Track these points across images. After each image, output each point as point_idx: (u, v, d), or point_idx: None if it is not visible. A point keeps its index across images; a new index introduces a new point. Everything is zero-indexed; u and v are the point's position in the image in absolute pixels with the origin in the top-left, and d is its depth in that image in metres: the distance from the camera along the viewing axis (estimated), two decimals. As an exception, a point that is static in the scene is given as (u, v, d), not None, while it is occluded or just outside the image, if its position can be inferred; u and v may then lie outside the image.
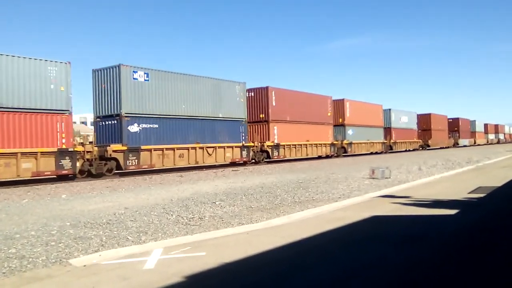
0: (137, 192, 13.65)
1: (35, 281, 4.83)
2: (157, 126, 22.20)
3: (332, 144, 36.98)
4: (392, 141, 48.44)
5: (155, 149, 21.93)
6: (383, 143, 46.67)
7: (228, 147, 26.35)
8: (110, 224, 7.89)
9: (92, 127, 25.69)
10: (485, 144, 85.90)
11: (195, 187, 14.62)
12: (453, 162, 24.59)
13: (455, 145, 70.64)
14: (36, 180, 18.50)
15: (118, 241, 6.59)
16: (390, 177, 15.45)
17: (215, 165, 26.22)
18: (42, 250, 6.05)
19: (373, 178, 15.30)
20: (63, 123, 18.37)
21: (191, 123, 24.17)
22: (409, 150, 52.97)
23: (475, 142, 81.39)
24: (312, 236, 6.79)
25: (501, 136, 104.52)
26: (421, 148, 58.07)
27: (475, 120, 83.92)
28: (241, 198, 11.01)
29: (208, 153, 24.76)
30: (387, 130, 48.36)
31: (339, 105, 40.00)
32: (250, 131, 29.52)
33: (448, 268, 4.88)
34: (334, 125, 38.48)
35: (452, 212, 8.48)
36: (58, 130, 18.13)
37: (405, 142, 52.61)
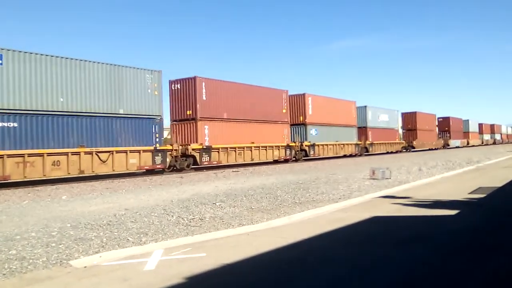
0: (137, 193, 13.65)
1: (36, 282, 4.82)
2: (16, 125, 16.71)
3: (288, 146, 31.87)
4: (368, 142, 42.77)
5: (10, 156, 16.37)
6: (357, 144, 40.78)
7: (132, 151, 20.65)
8: (110, 225, 7.88)
9: None
10: (479, 145, 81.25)
11: (195, 188, 14.62)
12: (454, 162, 24.59)
13: (445, 146, 65.99)
14: (37, 182, 18.51)
15: (119, 242, 6.58)
16: (390, 178, 15.45)
17: (113, 175, 21.24)
18: (42, 252, 6.04)
19: (374, 179, 15.30)
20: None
21: (74, 121, 18.66)
22: (390, 153, 47.68)
23: (468, 143, 76.45)
24: (313, 237, 6.78)
25: (498, 137, 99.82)
26: (404, 150, 52.56)
27: (468, 120, 78.93)
28: (241, 199, 11.01)
29: (101, 160, 19.33)
30: (362, 130, 42.59)
31: (299, 101, 34.49)
32: (175, 131, 25.62)
33: (449, 268, 4.87)
34: (292, 124, 33.66)
35: (453, 212, 8.47)
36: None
37: (385, 143, 46.92)
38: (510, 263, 5.09)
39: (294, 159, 32.94)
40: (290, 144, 32.27)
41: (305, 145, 34.14)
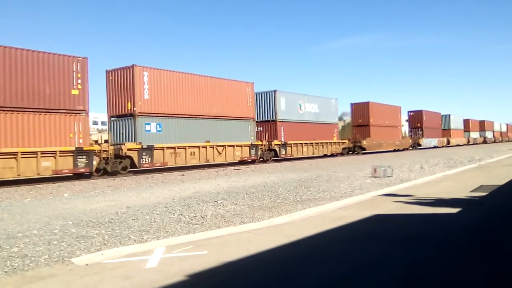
0: (139, 191, 13.67)
1: (38, 280, 4.83)
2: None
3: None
4: (277, 142, 31.03)
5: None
6: (253, 146, 28.45)
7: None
8: (112, 223, 7.90)
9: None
10: (465, 145, 70.72)
11: (196, 186, 14.62)
12: (455, 160, 24.56)
13: (415, 146, 54.98)
14: (38, 180, 18.55)
15: (121, 240, 6.59)
16: (392, 176, 15.43)
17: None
18: (44, 249, 6.06)
19: (375, 177, 15.28)
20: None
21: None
22: (315, 157, 35.46)
23: (448, 142, 64.95)
24: (314, 234, 6.78)
25: (489, 134, 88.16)
26: (349, 152, 41.17)
27: (449, 115, 67.93)
28: (243, 197, 11.01)
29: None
30: (272, 126, 31.93)
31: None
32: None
33: (450, 266, 4.87)
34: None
35: (454, 210, 8.46)
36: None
37: (308, 144, 34.50)
38: (511, 263, 5.09)
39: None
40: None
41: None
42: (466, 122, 76.75)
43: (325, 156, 37.57)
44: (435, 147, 59.92)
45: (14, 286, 4.66)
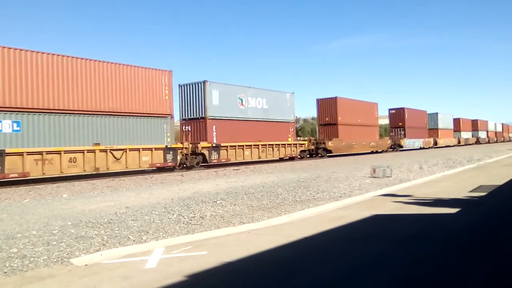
0: (138, 191, 13.66)
1: (37, 280, 4.83)
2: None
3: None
4: (205, 144, 25.43)
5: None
6: (168, 150, 22.74)
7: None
8: (111, 224, 7.89)
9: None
10: (455, 146, 65.78)
11: (196, 186, 14.62)
12: (454, 161, 24.57)
13: (395, 148, 49.21)
14: (38, 180, 18.52)
15: (120, 240, 6.59)
16: (391, 176, 15.44)
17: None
18: (43, 250, 6.05)
19: (374, 177, 15.29)
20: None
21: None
22: (264, 161, 30.31)
23: (435, 144, 59.71)
24: (313, 235, 6.79)
25: (483, 134, 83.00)
26: (305, 157, 34.11)
27: (436, 113, 62.10)
28: (242, 197, 11.01)
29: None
30: (201, 124, 26.21)
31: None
32: None
33: (450, 266, 4.87)
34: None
35: (454, 210, 8.47)
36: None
37: (252, 146, 28.39)
38: (510, 263, 5.09)
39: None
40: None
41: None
42: (456, 121, 70.84)
43: (281, 160, 32.03)
44: (420, 148, 54.35)
45: (13, 286, 4.66)
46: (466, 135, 74.53)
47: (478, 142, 78.53)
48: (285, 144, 32.03)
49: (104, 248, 6.14)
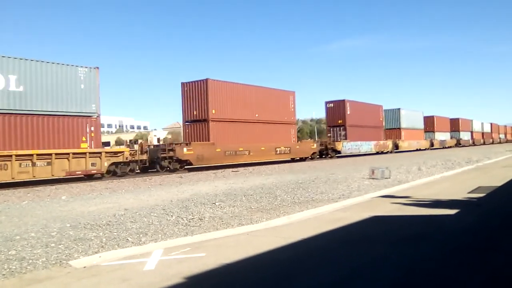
0: (136, 193, 13.65)
1: (35, 282, 4.82)
2: None
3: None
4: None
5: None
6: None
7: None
8: (110, 226, 7.88)
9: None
10: (427, 149, 55.16)
11: (194, 188, 14.61)
12: (453, 162, 24.60)
13: (327, 153, 37.62)
14: (37, 182, 18.49)
15: (118, 242, 6.58)
16: (390, 177, 15.45)
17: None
18: (42, 252, 6.04)
19: (373, 179, 15.29)
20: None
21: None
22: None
23: (396, 147, 47.69)
24: (312, 236, 6.78)
25: (465, 136, 73.56)
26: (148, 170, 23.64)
27: (399, 109, 51.03)
28: (241, 199, 11.00)
29: None
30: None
31: None
32: None
33: (449, 268, 4.87)
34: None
35: (452, 212, 8.47)
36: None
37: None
38: (509, 263, 5.09)
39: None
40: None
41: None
42: (429, 120, 60.46)
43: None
44: (366, 154, 42.53)
45: (11, 289, 4.65)
46: (442, 136, 64.40)
47: (458, 144, 69.10)
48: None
49: (102, 250, 6.13)
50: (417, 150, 53.18)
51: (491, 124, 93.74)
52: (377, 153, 45.03)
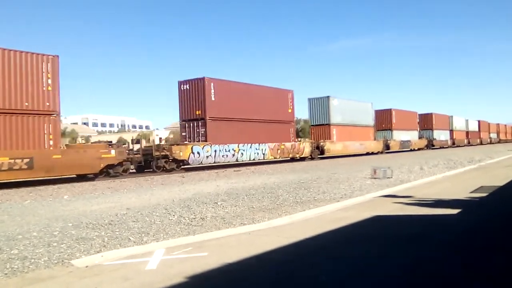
0: (139, 192, 13.66)
1: (37, 282, 4.83)
2: None
3: None
4: None
5: None
6: None
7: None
8: (112, 225, 7.89)
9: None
10: (380, 153, 43.85)
11: (196, 187, 14.62)
12: (455, 161, 24.55)
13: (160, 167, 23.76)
14: (40, 181, 18.53)
15: (120, 241, 6.59)
16: (392, 177, 15.42)
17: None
18: (44, 251, 6.05)
19: (375, 178, 15.27)
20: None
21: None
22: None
23: (321, 152, 35.29)
24: (314, 236, 6.78)
25: (443, 135, 61.71)
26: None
27: (327, 97, 37.78)
28: (243, 199, 11.01)
29: None
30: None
31: None
32: None
33: (451, 267, 4.86)
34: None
35: (454, 211, 8.46)
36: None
37: None
38: (511, 263, 5.08)
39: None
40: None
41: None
42: (383, 114, 47.92)
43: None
44: (264, 163, 30.99)
45: (14, 288, 4.66)
46: (405, 136, 51.15)
47: (431, 145, 57.46)
48: None
49: (104, 249, 6.14)
50: (367, 154, 42.44)
51: (478, 121, 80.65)
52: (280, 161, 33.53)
